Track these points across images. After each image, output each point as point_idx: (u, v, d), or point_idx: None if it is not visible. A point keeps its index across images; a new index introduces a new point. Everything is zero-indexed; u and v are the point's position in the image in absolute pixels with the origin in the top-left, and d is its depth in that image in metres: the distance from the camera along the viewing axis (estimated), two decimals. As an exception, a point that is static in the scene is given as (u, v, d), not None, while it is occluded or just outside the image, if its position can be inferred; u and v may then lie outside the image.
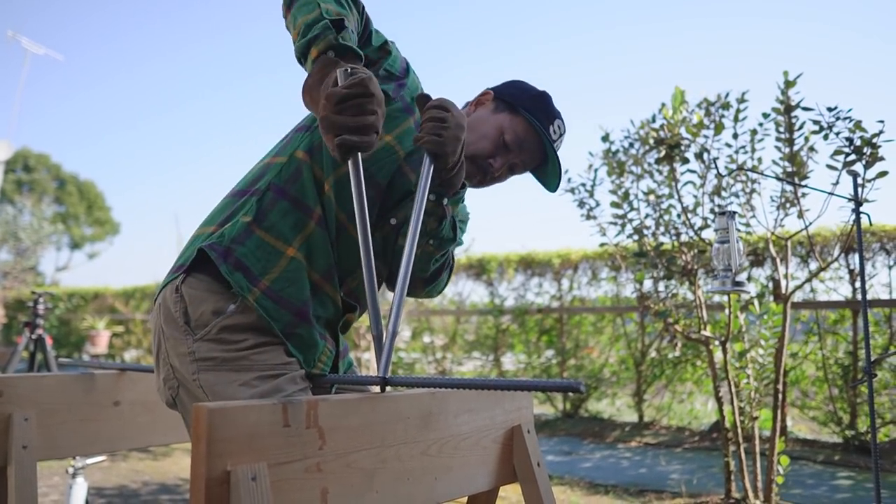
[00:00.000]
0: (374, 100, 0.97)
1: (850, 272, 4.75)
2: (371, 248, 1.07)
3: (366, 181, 1.21)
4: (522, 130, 1.38)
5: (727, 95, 3.07)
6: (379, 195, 1.29)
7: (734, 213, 2.14)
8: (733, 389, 3.14)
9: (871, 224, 2.12)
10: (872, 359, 2.05)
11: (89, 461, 2.58)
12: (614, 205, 3.43)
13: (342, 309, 1.28)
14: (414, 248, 1.13)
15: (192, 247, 1.23)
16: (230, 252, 1.17)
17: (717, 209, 3.16)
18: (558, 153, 1.43)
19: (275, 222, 1.21)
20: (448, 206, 1.29)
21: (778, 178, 2.80)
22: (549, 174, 1.44)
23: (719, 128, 3.06)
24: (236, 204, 1.24)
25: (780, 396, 3.13)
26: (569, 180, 3.62)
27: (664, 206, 3.37)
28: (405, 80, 1.33)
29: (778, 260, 3.24)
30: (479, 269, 6.88)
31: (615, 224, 3.48)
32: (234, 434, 0.80)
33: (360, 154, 1.03)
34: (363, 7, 1.24)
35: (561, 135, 1.43)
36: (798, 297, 4.76)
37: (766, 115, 2.99)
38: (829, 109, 2.60)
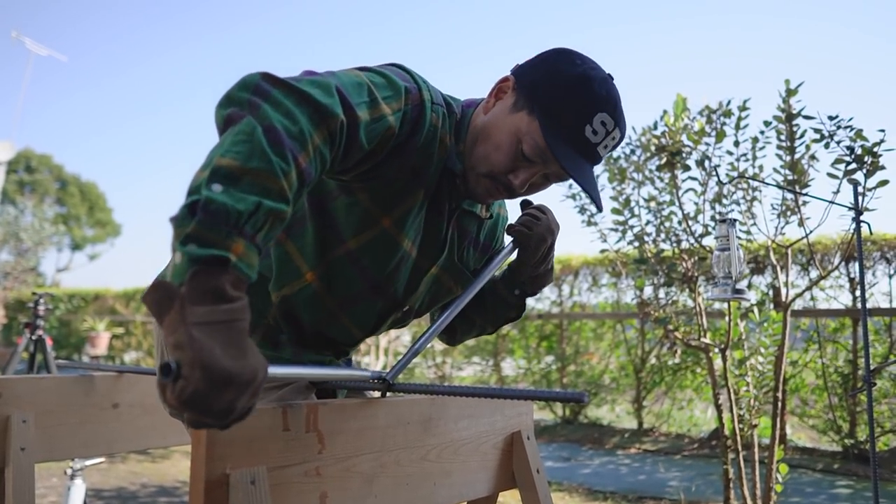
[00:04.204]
0: (216, 410, 0.67)
1: (851, 281, 4.75)
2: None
3: (359, 270, 1.11)
4: (543, 138, 1.04)
5: (729, 103, 3.07)
6: (374, 290, 1.13)
7: (735, 220, 2.14)
8: (733, 397, 3.13)
9: (871, 233, 2.12)
10: (872, 367, 2.04)
11: (88, 463, 2.57)
12: (615, 211, 3.43)
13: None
14: (458, 309, 1.18)
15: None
16: None
17: (717, 216, 3.16)
18: (603, 158, 1.10)
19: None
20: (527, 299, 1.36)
21: (779, 187, 2.81)
22: (592, 188, 1.09)
23: (721, 135, 3.07)
24: None
25: (780, 404, 3.12)
26: (570, 186, 3.62)
27: (665, 212, 3.37)
28: (413, 139, 1.05)
29: (778, 268, 3.24)
30: (480, 274, 6.86)
31: (616, 230, 3.48)
32: (234, 437, 0.80)
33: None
34: (342, 123, 0.88)
35: (608, 132, 1.06)
36: (798, 305, 4.76)
37: (767, 124, 2.99)
38: (831, 118, 2.60)
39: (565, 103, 1.04)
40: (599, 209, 1.11)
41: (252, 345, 0.71)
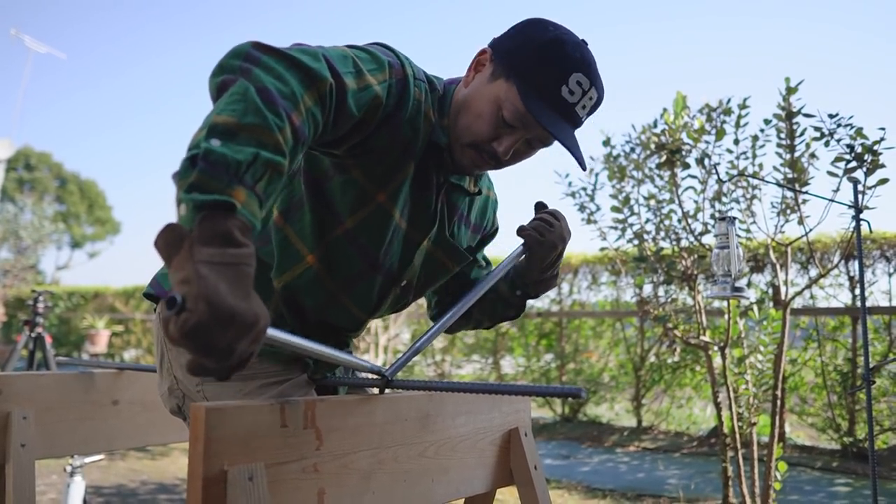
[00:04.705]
0: (218, 349, 0.68)
1: (850, 279, 4.75)
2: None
3: (357, 248, 1.12)
4: (521, 101, 1.07)
5: (729, 101, 3.07)
6: (373, 267, 1.14)
7: (734, 218, 2.14)
8: (732, 395, 3.13)
9: (871, 231, 2.12)
10: (871, 366, 2.04)
11: (87, 460, 2.57)
12: (615, 209, 3.43)
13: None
14: (463, 309, 1.19)
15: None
16: None
17: (717, 214, 3.16)
18: (583, 119, 1.11)
19: None
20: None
21: (779, 185, 2.81)
22: (574, 147, 1.10)
23: (720, 133, 3.07)
24: None
25: (779, 402, 3.12)
26: (569, 184, 3.62)
27: (665, 210, 3.37)
28: (400, 112, 1.07)
29: (778, 266, 3.24)
30: (479, 272, 6.87)
31: (615, 228, 3.48)
32: (232, 434, 0.80)
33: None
34: (331, 86, 0.91)
35: (585, 92, 1.08)
36: (798, 303, 4.76)
37: (767, 122, 2.99)
38: (831, 116, 2.60)
39: (540, 66, 1.06)
40: (583, 168, 1.12)
41: (256, 294, 0.72)
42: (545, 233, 1.23)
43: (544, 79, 1.06)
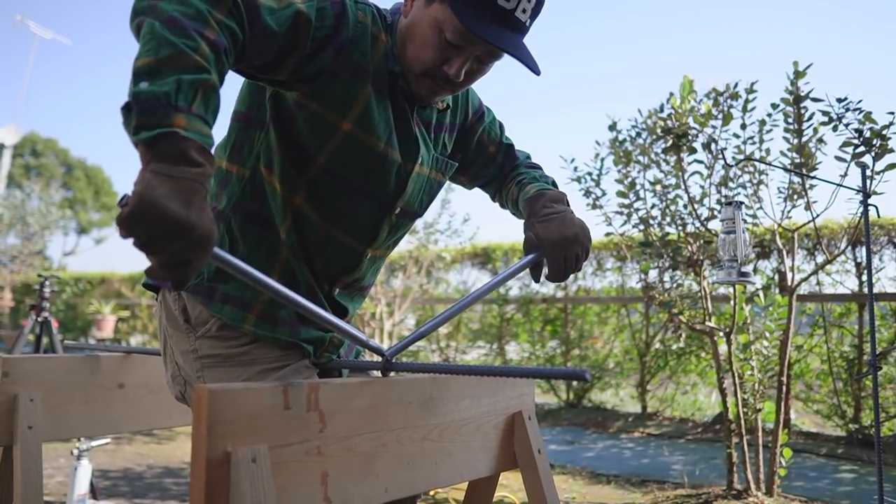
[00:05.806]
0: (149, 245, 0.77)
1: (857, 265, 4.73)
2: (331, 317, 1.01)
3: (336, 182, 1.14)
4: (459, 20, 1.06)
5: (736, 86, 3.04)
6: (357, 196, 1.16)
7: (741, 203, 2.13)
8: (737, 381, 3.13)
9: (878, 217, 2.11)
10: (878, 352, 2.04)
11: (94, 443, 2.60)
12: (620, 194, 3.42)
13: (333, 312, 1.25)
14: (466, 304, 1.17)
15: None
16: (214, 290, 1.15)
17: (723, 200, 3.15)
18: (527, 24, 1.11)
19: (247, 255, 1.14)
20: None
21: (786, 170, 2.79)
22: (523, 54, 1.11)
23: (727, 118, 3.04)
24: None
25: (784, 389, 3.12)
26: (575, 169, 3.60)
27: (671, 196, 3.35)
28: (341, 34, 1.08)
29: (784, 252, 3.22)
30: (484, 258, 6.87)
31: (621, 214, 3.46)
32: (235, 415, 0.80)
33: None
34: (236, 4, 0.93)
35: None
36: (804, 289, 4.74)
37: (774, 106, 2.97)
38: (839, 100, 2.58)
39: None
40: (537, 73, 1.11)
41: (205, 211, 0.79)
42: (570, 273, 1.23)
43: None
